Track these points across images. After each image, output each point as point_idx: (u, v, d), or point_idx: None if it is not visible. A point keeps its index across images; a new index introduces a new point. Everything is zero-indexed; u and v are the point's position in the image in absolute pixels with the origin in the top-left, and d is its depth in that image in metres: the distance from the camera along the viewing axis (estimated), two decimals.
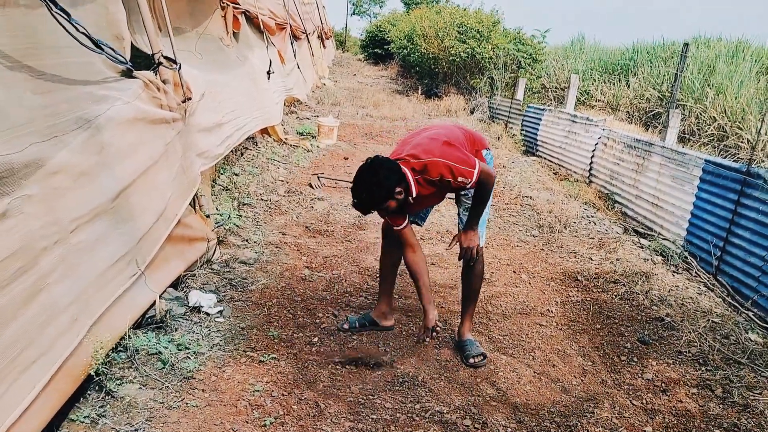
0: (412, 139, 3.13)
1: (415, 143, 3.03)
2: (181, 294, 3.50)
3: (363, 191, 2.83)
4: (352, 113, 12.18)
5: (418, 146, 2.99)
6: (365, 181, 2.83)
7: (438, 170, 2.90)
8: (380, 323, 3.52)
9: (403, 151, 3.00)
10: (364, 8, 41.64)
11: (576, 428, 2.79)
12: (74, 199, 2.50)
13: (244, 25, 7.09)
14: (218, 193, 5.23)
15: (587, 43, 18.70)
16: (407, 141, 3.14)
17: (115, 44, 3.03)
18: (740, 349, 3.66)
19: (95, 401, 2.54)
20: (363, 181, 2.83)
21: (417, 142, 3.04)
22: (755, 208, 4.45)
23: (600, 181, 7.33)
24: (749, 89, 11.19)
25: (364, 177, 2.83)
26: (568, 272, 4.73)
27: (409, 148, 3.00)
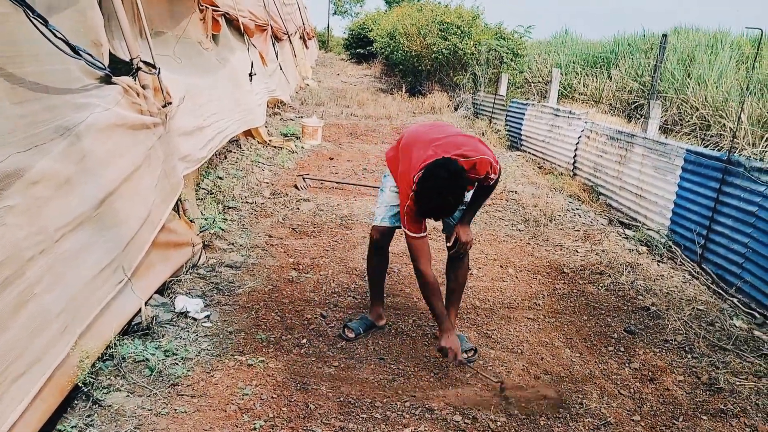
0: (435, 137, 2.98)
1: (450, 142, 2.95)
2: (167, 300, 3.49)
3: (449, 194, 2.71)
4: (336, 113, 12.16)
5: (458, 145, 2.92)
6: (451, 184, 2.70)
7: (485, 168, 2.92)
8: (378, 324, 3.55)
9: (441, 151, 2.86)
10: (344, 8, 41.59)
11: (565, 419, 2.80)
12: (57, 207, 2.49)
13: (224, 27, 7.06)
14: (203, 197, 5.21)
15: (570, 37, 18.81)
16: (431, 140, 2.97)
17: (93, 50, 3.01)
18: (725, 335, 3.70)
19: (82, 410, 2.53)
20: (448, 184, 2.70)
21: (451, 141, 2.95)
22: (737, 195, 4.50)
23: (584, 173, 7.37)
24: (729, 78, 11.29)
25: (449, 180, 2.70)
26: (555, 265, 4.76)
27: (450, 147, 2.89)
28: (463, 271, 3.37)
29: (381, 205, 3.31)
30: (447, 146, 2.92)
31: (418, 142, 3.01)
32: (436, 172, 2.71)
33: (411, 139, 3.08)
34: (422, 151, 2.92)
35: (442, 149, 2.89)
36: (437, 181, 2.70)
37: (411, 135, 3.13)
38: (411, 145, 3.03)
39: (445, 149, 2.88)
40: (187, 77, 4.79)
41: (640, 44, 15.38)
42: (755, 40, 13.47)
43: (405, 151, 3.05)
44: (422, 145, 2.96)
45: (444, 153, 2.85)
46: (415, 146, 2.99)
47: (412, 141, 3.06)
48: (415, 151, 2.95)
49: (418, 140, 3.02)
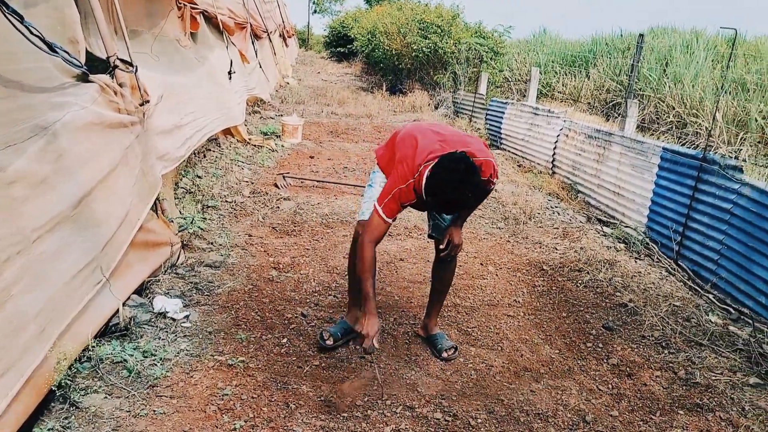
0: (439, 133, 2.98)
1: (457, 140, 2.93)
2: (145, 300, 3.45)
3: (468, 188, 2.63)
4: (316, 111, 12.13)
5: (466, 143, 2.91)
6: (468, 178, 2.62)
7: (489, 170, 2.89)
8: (356, 328, 3.34)
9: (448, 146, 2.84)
10: (324, 6, 41.49)
11: (545, 415, 2.83)
12: (35, 207, 2.45)
13: (203, 25, 7.01)
14: (181, 196, 5.17)
15: (549, 36, 18.96)
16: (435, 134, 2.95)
17: (69, 48, 2.96)
18: (701, 331, 3.75)
19: (59, 413, 2.50)
20: (466, 178, 2.62)
21: (458, 139, 2.95)
22: (712, 193, 4.57)
23: (563, 171, 7.44)
24: (705, 78, 11.46)
25: (466, 174, 2.62)
26: (534, 262, 4.80)
27: (457, 144, 2.86)
28: (450, 273, 3.38)
29: (369, 200, 3.18)
30: (455, 143, 2.89)
31: (420, 135, 2.97)
32: (454, 165, 2.64)
33: (411, 134, 3.03)
34: (428, 142, 2.88)
35: (449, 145, 2.86)
36: (456, 174, 2.62)
37: (410, 130, 3.08)
38: (413, 139, 2.97)
39: (453, 146, 2.85)
40: (165, 75, 4.75)
41: (617, 44, 15.57)
42: (730, 40, 13.67)
43: (404, 142, 2.99)
44: (427, 138, 2.92)
45: (451, 149, 2.81)
46: (419, 139, 2.93)
47: (413, 135, 3.01)
48: (422, 142, 2.90)
49: (421, 134, 2.98)
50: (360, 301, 2.98)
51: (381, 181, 3.16)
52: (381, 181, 3.17)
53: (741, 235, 4.20)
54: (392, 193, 2.83)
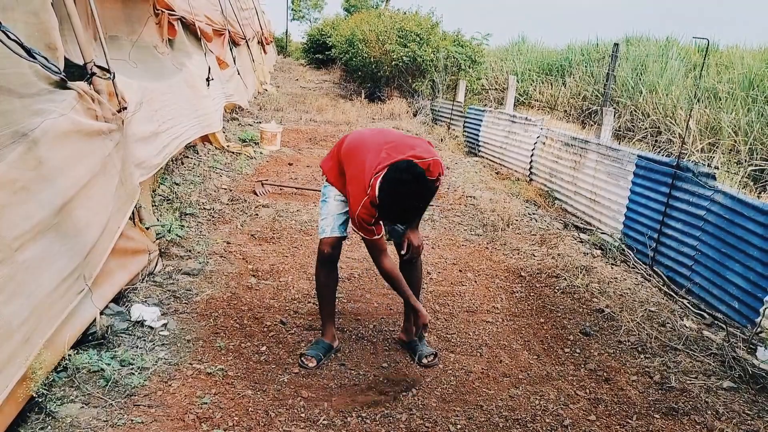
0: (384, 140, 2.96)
1: (401, 143, 2.95)
2: (122, 308, 3.42)
3: (418, 198, 2.70)
4: (295, 118, 12.11)
5: (411, 146, 2.93)
6: (417, 188, 2.67)
7: (437, 169, 2.94)
8: (334, 346, 3.33)
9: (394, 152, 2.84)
10: (303, 13, 41.48)
11: (523, 421, 2.85)
12: (16, 215, 2.42)
13: (180, 31, 6.98)
14: (159, 203, 5.13)
15: (527, 44, 19.16)
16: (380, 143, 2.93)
17: (48, 54, 2.93)
18: (676, 336, 3.81)
19: (35, 423, 2.46)
20: (415, 188, 2.66)
21: (403, 142, 2.96)
22: (686, 200, 4.65)
23: (540, 179, 7.51)
24: (678, 86, 11.68)
25: (415, 183, 2.65)
26: (512, 269, 4.83)
27: (403, 148, 2.88)
28: (417, 272, 3.40)
29: (327, 215, 3.16)
30: (400, 147, 2.90)
31: (365, 146, 2.95)
32: (399, 176, 2.65)
33: (355, 145, 3.02)
34: (374, 154, 2.86)
35: (395, 151, 2.85)
36: (403, 185, 2.64)
37: (353, 141, 3.07)
38: (357, 151, 2.96)
39: (399, 150, 2.86)
40: (143, 82, 4.71)
41: (592, 52, 15.78)
42: (703, 49, 13.94)
43: (351, 157, 2.99)
44: (372, 149, 2.90)
45: (398, 154, 2.81)
46: (364, 151, 2.92)
47: (356, 146, 3.00)
48: (367, 154, 2.88)
49: (365, 145, 2.96)
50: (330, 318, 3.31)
51: (335, 195, 3.16)
52: (335, 194, 3.16)
53: (714, 241, 4.28)
54: (355, 218, 2.84)
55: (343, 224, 3.18)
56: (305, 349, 3.27)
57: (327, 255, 3.17)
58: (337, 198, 3.15)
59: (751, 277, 3.89)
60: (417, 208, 2.76)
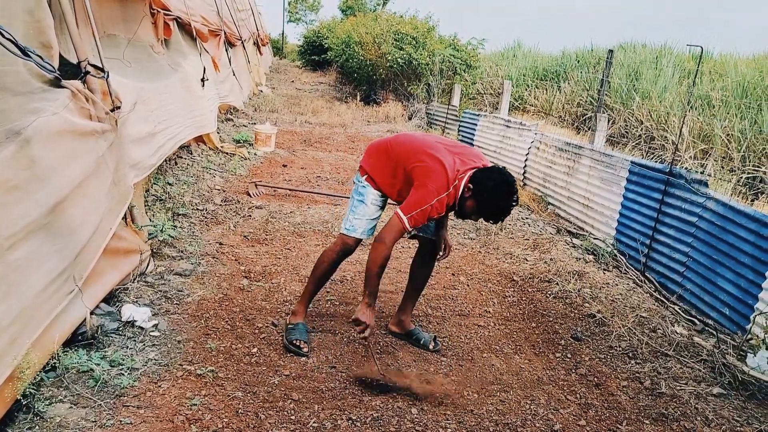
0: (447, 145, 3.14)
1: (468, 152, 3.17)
2: (113, 309, 3.40)
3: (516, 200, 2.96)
4: (290, 120, 12.11)
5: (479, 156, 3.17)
6: (516, 190, 2.95)
7: None
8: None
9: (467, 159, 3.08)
10: (299, 15, 41.48)
11: (514, 425, 2.85)
12: (7, 214, 2.40)
13: (176, 31, 6.96)
14: (151, 203, 5.11)
15: (523, 50, 19.23)
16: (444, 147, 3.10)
17: (43, 52, 2.92)
18: (667, 341, 3.82)
19: (23, 423, 2.44)
20: (516, 190, 2.94)
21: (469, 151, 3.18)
22: (678, 206, 4.67)
23: (534, 183, 7.53)
24: (672, 93, 11.73)
25: (515, 186, 2.94)
26: (505, 273, 4.84)
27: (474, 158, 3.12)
28: (430, 271, 3.65)
29: (362, 217, 3.25)
30: (471, 156, 3.13)
31: (429, 148, 3.07)
32: (504, 179, 2.93)
33: (415, 144, 3.14)
34: (448, 157, 3.02)
35: (467, 158, 3.09)
36: (508, 187, 2.92)
37: (410, 140, 3.21)
38: (421, 150, 3.07)
39: (471, 158, 3.10)
40: (137, 82, 4.70)
41: (587, 58, 15.84)
42: (696, 56, 14.03)
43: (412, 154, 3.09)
44: (441, 152, 3.04)
45: (471, 162, 3.07)
46: (431, 151, 3.04)
47: (418, 145, 3.12)
48: (438, 154, 3.01)
49: (428, 147, 3.08)
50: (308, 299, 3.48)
51: (373, 199, 3.27)
52: (373, 199, 3.27)
53: (705, 248, 4.29)
54: (422, 208, 2.94)
55: (372, 229, 3.33)
56: (290, 335, 3.37)
57: (347, 249, 3.32)
58: (374, 203, 3.28)
59: (741, 284, 3.91)
60: (511, 208, 2.96)
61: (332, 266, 3.39)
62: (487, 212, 2.98)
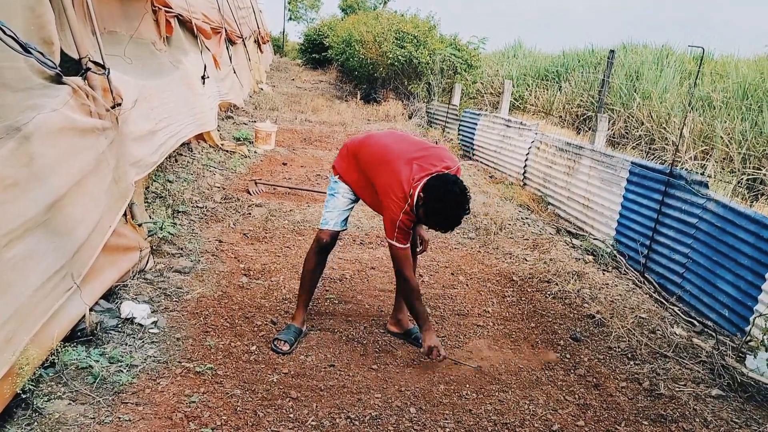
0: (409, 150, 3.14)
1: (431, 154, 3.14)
2: (112, 305, 3.40)
3: (465, 208, 2.93)
4: (290, 118, 12.10)
5: (441, 158, 3.14)
6: (465, 199, 2.92)
7: (459, 174, 3.18)
8: (303, 330, 3.50)
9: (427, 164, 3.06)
10: (300, 13, 41.44)
11: (512, 425, 2.85)
12: (5, 212, 2.40)
13: (177, 29, 6.96)
14: (151, 200, 5.11)
15: (523, 49, 19.21)
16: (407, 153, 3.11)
17: (44, 49, 2.91)
18: (666, 343, 3.82)
19: (21, 419, 2.44)
20: (464, 200, 2.91)
21: (432, 154, 3.15)
22: (678, 207, 4.67)
23: (534, 183, 7.52)
24: (673, 94, 11.72)
25: (463, 195, 2.91)
26: (504, 273, 4.84)
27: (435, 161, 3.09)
28: (416, 267, 3.65)
29: (333, 209, 3.37)
30: (431, 159, 3.10)
31: (392, 154, 3.11)
32: (450, 188, 2.89)
33: (379, 151, 3.18)
34: (405, 165, 3.03)
35: (426, 161, 3.06)
36: (454, 197, 2.88)
37: (376, 147, 3.23)
38: (384, 159, 3.11)
39: (431, 161, 3.07)
40: (138, 79, 4.69)
41: (588, 59, 15.83)
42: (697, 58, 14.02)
43: (378, 165, 3.14)
44: (402, 159, 3.06)
45: (432, 166, 3.04)
46: (393, 160, 3.09)
47: (382, 153, 3.16)
48: (398, 165, 3.04)
49: (392, 153, 3.13)
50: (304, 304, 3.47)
51: (344, 192, 3.37)
52: (344, 191, 3.37)
53: (705, 249, 4.29)
54: (396, 226, 3.02)
55: (345, 220, 3.41)
56: (278, 334, 3.39)
57: (325, 244, 3.37)
58: (346, 195, 3.38)
59: (741, 285, 3.91)
60: (461, 219, 2.95)
61: (317, 265, 3.44)
62: (436, 220, 2.98)
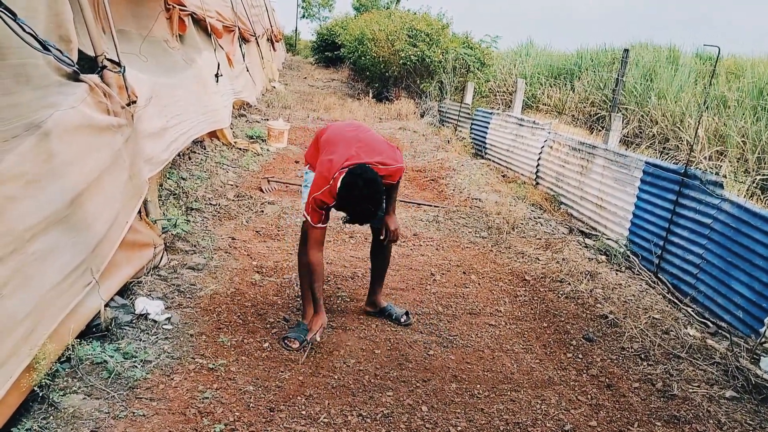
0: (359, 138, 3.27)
1: (371, 147, 3.23)
2: (127, 301, 3.43)
3: (368, 202, 2.96)
4: (302, 116, 12.13)
5: (379, 151, 3.22)
6: (368, 193, 2.94)
7: (399, 175, 3.35)
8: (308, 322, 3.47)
9: (363, 153, 3.15)
10: (313, 11, 41.48)
11: (524, 425, 2.85)
12: (26, 207, 2.43)
13: (191, 27, 6.99)
14: (165, 198, 5.14)
15: (536, 48, 19.13)
16: (355, 139, 3.25)
17: (62, 46, 2.94)
18: (679, 343, 3.80)
19: (38, 413, 2.47)
20: (366, 193, 2.93)
21: (373, 147, 3.24)
22: (693, 207, 4.64)
23: (546, 183, 7.50)
24: (688, 94, 11.63)
25: (366, 188, 2.93)
26: (516, 272, 4.83)
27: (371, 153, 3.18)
28: (388, 255, 3.80)
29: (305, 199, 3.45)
30: (369, 150, 3.20)
31: (341, 139, 3.27)
32: (354, 180, 2.94)
33: (334, 135, 3.35)
34: (344, 149, 3.17)
35: (364, 151, 3.17)
36: (356, 190, 2.93)
37: (334, 131, 3.40)
38: (335, 141, 3.27)
39: (367, 152, 3.17)
40: (152, 77, 4.72)
41: (601, 58, 15.74)
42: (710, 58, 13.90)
43: (327, 145, 3.29)
44: (345, 144, 3.22)
45: (366, 156, 3.14)
46: (339, 143, 3.24)
47: (335, 137, 3.32)
48: (340, 147, 3.19)
49: (342, 137, 3.29)
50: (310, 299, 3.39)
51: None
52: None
53: (720, 250, 4.26)
54: (309, 199, 3.11)
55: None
56: (288, 332, 3.40)
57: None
58: None
59: (756, 286, 3.88)
60: (366, 212, 3.01)
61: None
62: (346, 211, 3.07)
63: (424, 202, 6.77)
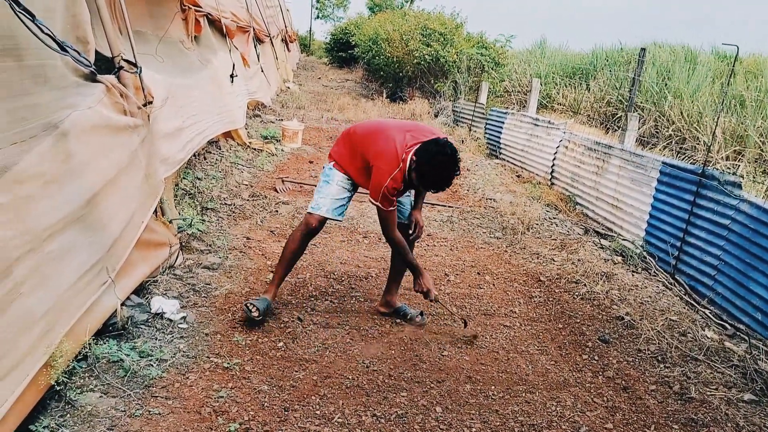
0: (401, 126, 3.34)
1: (421, 128, 3.35)
2: (143, 300, 3.45)
3: (456, 168, 3.10)
4: (317, 117, 12.16)
5: (432, 131, 3.31)
6: (456, 160, 3.09)
7: None
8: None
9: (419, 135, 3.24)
10: (327, 12, 41.58)
11: (539, 427, 2.83)
12: (45, 207, 2.45)
13: (206, 28, 7.03)
14: (181, 197, 5.17)
15: (551, 48, 19.04)
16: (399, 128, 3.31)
17: (79, 47, 2.96)
18: (697, 346, 3.76)
19: (55, 411, 2.49)
20: (455, 160, 3.08)
21: (421, 128, 3.36)
22: (710, 208, 4.59)
23: (562, 183, 7.45)
24: (705, 93, 11.51)
25: (454, 156, 3.08)
26: (531, 273, 4.80)
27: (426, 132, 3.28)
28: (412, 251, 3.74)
29: (326, 196, 3.50)
30: (423, 131, 3.30)
31: (388, 129, 3.33)
32: (443, 149, 3.07)
33: (374, 129, 3.41)
34: (400, 135, 3.23)
35: (420, 133, 3.25)
36: (445, 157, 3.06)
37: (371, 127, 3.48)
38: (380, 133, 3.31)
39: (423, 133, 3.26)
40: (168, 77, 4.75)
41: (617, 57, 15.63)
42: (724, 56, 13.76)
43: (372, 138, 3.33)
44: (396, 131, 3.27)
45: (422, 136, 3.22)
46: (388, 132, 3.28)
47: (377, 130, 3.38)
48: (393, 133, 3.25)
49: (388, 128, 3.34)
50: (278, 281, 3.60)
51: (339, 180, 3.51)
52: (339, 180, 3.51)
53: (738, 251, 4.21)
54: (381, 189, 3.18)
55: (341, 211, 3.56)
56: (254, 300, 3.47)
57: (313, 228, 3.52)
58: (340, 183, 3.51)
59: None
60: (451, 178, 3.12)
61: (299, 247, 3.56)
62: (427, 182, 3.16)
63: (438, 202, 6.76)
